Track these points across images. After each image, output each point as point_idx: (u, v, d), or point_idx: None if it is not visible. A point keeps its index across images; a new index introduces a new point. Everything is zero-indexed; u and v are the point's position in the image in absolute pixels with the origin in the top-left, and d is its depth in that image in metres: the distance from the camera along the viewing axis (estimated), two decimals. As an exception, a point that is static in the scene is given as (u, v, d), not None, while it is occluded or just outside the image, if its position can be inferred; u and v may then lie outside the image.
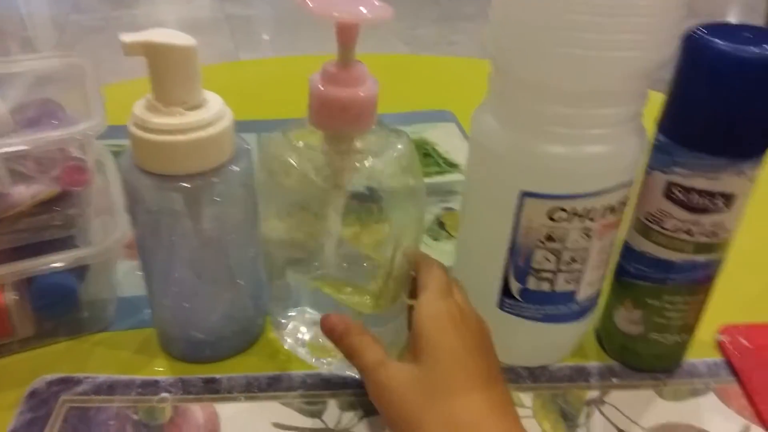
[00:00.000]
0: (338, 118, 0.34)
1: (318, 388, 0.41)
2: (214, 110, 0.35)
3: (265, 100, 0.77)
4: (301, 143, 0.36)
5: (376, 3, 0.32)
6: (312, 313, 0.42)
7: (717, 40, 0.32)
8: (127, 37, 0.32)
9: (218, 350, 0.43)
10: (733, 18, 2.54)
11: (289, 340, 0.44)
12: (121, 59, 0.33)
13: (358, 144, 0.36)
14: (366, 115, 0.35)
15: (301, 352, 0.43)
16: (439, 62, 1.09)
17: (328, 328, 0.37)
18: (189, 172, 0.36)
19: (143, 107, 0.35)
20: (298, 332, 0.43)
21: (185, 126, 0.34)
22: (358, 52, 0.34)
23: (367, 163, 0.36)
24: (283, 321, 0.44)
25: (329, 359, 0.42)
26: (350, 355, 0.36)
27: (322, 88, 0.34)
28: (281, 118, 0.39)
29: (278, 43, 2.02)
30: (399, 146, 0.36)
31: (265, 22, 2.18)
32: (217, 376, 0.42)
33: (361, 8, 0.32)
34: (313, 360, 0.43)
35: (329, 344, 0.37)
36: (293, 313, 0.43)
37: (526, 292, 0.38)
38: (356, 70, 0.34)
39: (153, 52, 0.33)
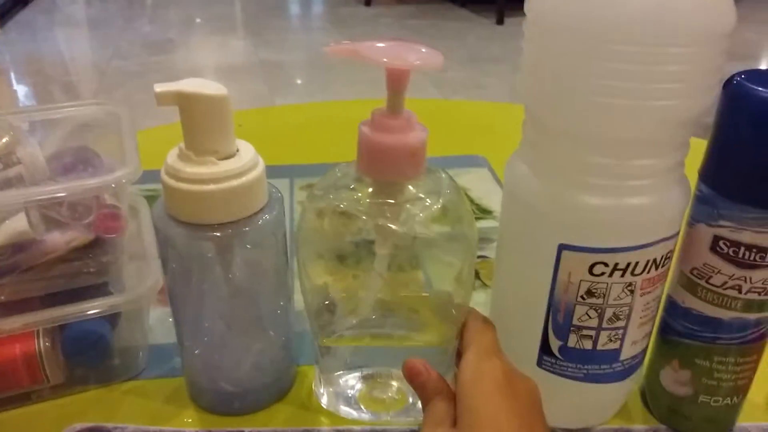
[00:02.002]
0: (389, 165, 0.34)
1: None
2: (246, 159, 0.35)
3: (298, 144, 0.78)
4: (352, 191, 0.36)
5: (424, 50, 0.32)
6: (363, 369, 0.42)
7: (758, 87, 0.31)
8: (160, 87, 0.33)
9: (247, 403, 0.42)
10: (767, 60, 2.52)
11: (325, 399, 0.43)
12: (157, 104, 0.33)
13: (409, 190, 0.35)
14: (415, 162, 0.34)
15: (345, 410, 0.42)
16: (469, 106, 1.09)
17: (410, 372, 0.35)
18: (221, 221, 0.35)
19: (176, 156, 0.35)
20: (346, 389, 0.42)
21: (217, 175, 0.34)
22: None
23: (418, 210, 0.35)
24: (324, 383, 0.43)
25: (385, 413, 0.41)
26: (423, 408, 0.35)
27: (373, 136, 0.33)
28: (314, 162, 0.39)
29: (311, 87, 2.05)
30: (445, 191, 0.36)
31: (297, 66, 2.23)
32: (246, 429, 0.41)
33: (412, 55, 0.32)
34: (369, 414, 0.41)
35: (383, 396, 0.37)
36: (340, 372, 0.42)
37: (566, 349, 0.37)
38: (406, 117, 0.34)
39: (185, 102, 0.33)
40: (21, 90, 1.97)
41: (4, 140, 0.42)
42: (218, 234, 0.35)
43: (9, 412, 0.42)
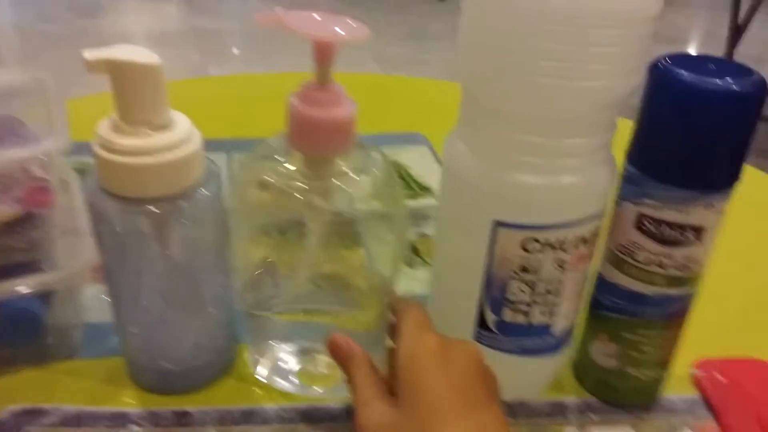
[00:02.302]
0: (318, 139, 0.34)
1: (294, 422, 0.40)
2: (182, 131, 0.34)
3: (235, 117, 0.76)
4: (281, 165, 0.36)
5: (352, 23, 0.33)
6: (297, 343, 0.42)
7: (682, 71, 0.33)
8: (90, 54, 0.31)
9: (189, 381, 0.42)
10: (694, 43, 2.62)
11: (264, 372, 0.43)
12: (87, 72, 0.32)
13: (338, 166, 0.35)
14: (345, 136, 0.35)
15: (281, 383, 0.42)
16: (410, 83, 1.09)
17: (333, 348, 0.36)
18: (156, 195, 0.34)
19: (107, 127, 0.34)
20: (279, 362, 0.42)
21: (152, 147, 0.33)
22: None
23: (346, 186, 0.35)
24: (258, 355, 0.43)
25: (318, 387, 0.42)
26: (348, 383, 0.35)
27: (302, 109, 0.33)
28: (251, 136, 0.38)
29: (248, 57, 2.00)
30: (375, 169, 0.36)
31: (234, 35, 2.17)
32: (189, 408, 0.40)
33: (337, 28, 0.32)
34: (303, 389, 0.42)
35: (317, 371, 0.36)
36: (272, 343, 0.42)
37: (501, 324, 0.38)
38: (334, 91, 0.34)
39: (117, 70, 0.32)
40: (-65, 53, 1.85)
41: None
42: (154, 208, 0.35)
43: (-66, 395, 0.40)
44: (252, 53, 2.01)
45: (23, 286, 0.38)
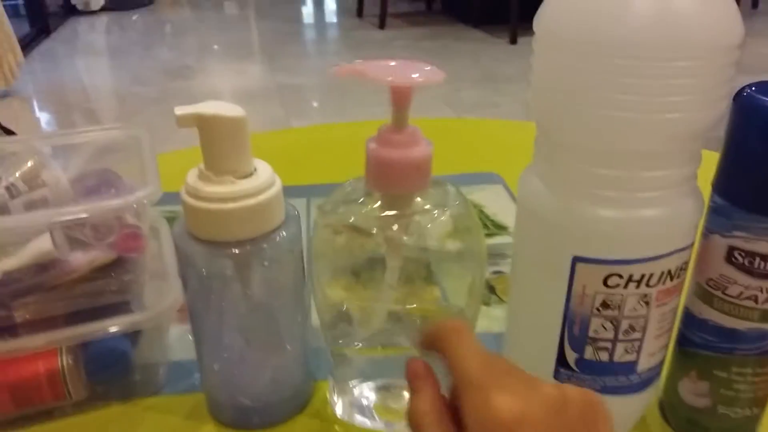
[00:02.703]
0: (397, 179, 0.35)
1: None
2: (264, 178, 0.36)
3: (314, 165, 0.79)
4: (361, 205, 0.37)
5: (427, 67, 0.34)
6: (378, 379, 0.42)
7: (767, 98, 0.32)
8: (180, 110, 0.34)
9: (266, 417, 0.42)
10: (785, 75, 2.49)
11: (343, 409, 0.43)
12: (177, 128, 0.34)
13: (417, 203, 0.36)
14: (423, 174, 0.35)
15: (360, 419, 0.42)
16: (483, 125, 1.09)
17: (410, 372, 0.32)
18: (239, 238, 0.36)
19: (195, 176, 0.36)
20: (359, 398, 0.43)
21: (236, 194, 0.35)
22: None
23: (426, 221, 0.36)
24: (337, 392, 0.43)
25: (398, 422, 0.41)
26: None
27: (379, 151, 0.35)
28: (329, 182, 0.39)
29: (327, 109, 2.07)
30: (452, 203, 0.37)
31: (313, 90, 2.25)
32: (265, 444, 0.41)
33: (414, 73, 0.33)
34: (382, 424, 0.42)
35: (396, 407, 0.36)
36: (352, 380, 0.43)
37: (582, 362, 0.37)
38: (411, 133, 0.35)
39: (204, 124, 0.34)
40: (43, 117, 2.02)
41: (29, 164, 0.43)
42: (237, 251, 0.36)
43: (32, 429, 0.43)
44: (329, 106, 2.08)
45: (114, 327, 0.40)
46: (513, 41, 2.64)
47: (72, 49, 2.77)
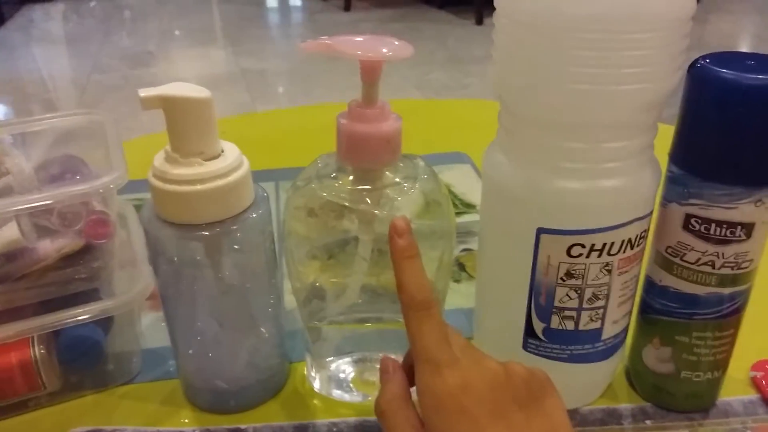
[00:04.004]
0: (368, 153, 0.35)
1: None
2: (231, 159, 0.36)
3: (282, 149, 0.79)
4: (333, 180, 0.37)
5: (396, 42, 0.34)
6: (354, 353, 0.43)
7: (721, 69, 0.33)
8: (144, 92, 0.33)
9: (243, 400, 0.43)
10: (742, 49, 2.55)
11: (321, 384, 0.44)
12: (141, 116, 0.34)
13: (387, 177, 0.37)
14: (391, 149, 0.36)
15: (338, 393, 0.43)
16: (451, 105, 1.10)
17: (381, 368, 0.34)
18: (208, 220, 0.36)
19: (162, 159, 0.36)
20: (336, 373, 0.43)
21: (203, 176, 0.35)
22: None
23: (396, 194, 0.36)
24: (315, 368, 0.44)
25: (373, 394, 0.42)
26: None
27: (351, 125, 0.35)
28: (299, 166, 0.40)
29: (293, 94, 2.06)
30: (421, 176, 0.37)
31: (279, 74, 2.23)
32: (243, 426, 0.41)
33: (383, 48, 0.33)
34: (360, 397, 0.43)
35: (373, 379, 0.37)
36: (329, 355, 0.44)
37: (549, 331, 0.38)
38: (381, 107, 0.35)
39: (170, 105, 0.34)
40: (0, 109, 1.97)
41: (-10, 152, 0.43)
42: (207, 233, 0.36)
43: (7, 421, 0.42)
44: (295, 91, 2.07)
45: (84, 314, 0.40)
46: (479, 22, 2.65)
47: (28, 37, 2.70)
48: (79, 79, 2.17)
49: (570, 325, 0.37)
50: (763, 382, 0.43)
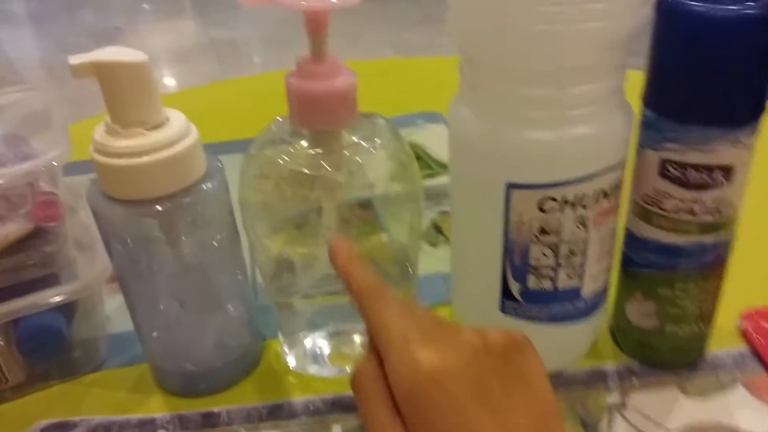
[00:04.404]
0: (321, 113, 0.33)
1: (321, 413, 0.39)
2: (177, 127, 0.34)
3: (251, 118, 0.76)
4: (288, 145, 0.35)
5: None
6: (328, 326, 0.42)
7: (692, 2, 0.30)
8: (75, 59, 0.31)
9: (214, 382, 0.41)
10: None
11: (296, 362, 0.42)
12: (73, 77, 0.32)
13: (346, 138, 0.34)
14: (348, 107, 0.34)
15: (313, 368, 0.42)
16: (426, 63, 1.07)
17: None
18: (158, 194, 0.34)
19: (102, 131, 0.33)
20: (311, 348, 0.42)
21: (148, 147, 0.33)
22: (344, 58, 0.33)
23: (357, 156, 0.34)
24: (288, 345, 0.42)
25: (350, 367, 0.41)
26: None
27: (300, 84, 0.33)
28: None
29: (266, 63, 2.01)
30: (383, 135, 0.35)
31: (250, 43, 2.18)
32: (215, 409, 0.40)
33: None
34: (336, 370, 0.41)
35: (349, 351, 0.35)
36: (302, 330, 0.42)
37: (527, 292, 0.36)
38: (331, 62, 0.33)
39: (103, 72, 0.32)
40: (-33, 94, 1.91)
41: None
42: (157, 207, 0.34)
43: (-31, 417, 0.41)
44: (269, 60, 2.02)
45: (38, 300, 0.38)
46: (452, -21, 2.59)
47: (-9, 19, 2.61)
48: (45, 59, 2.11)
49: (547, 284, 0.36)
50: (753, 333, 0.42)
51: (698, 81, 0.32)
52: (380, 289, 0.29)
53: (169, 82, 1.90)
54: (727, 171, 0.33)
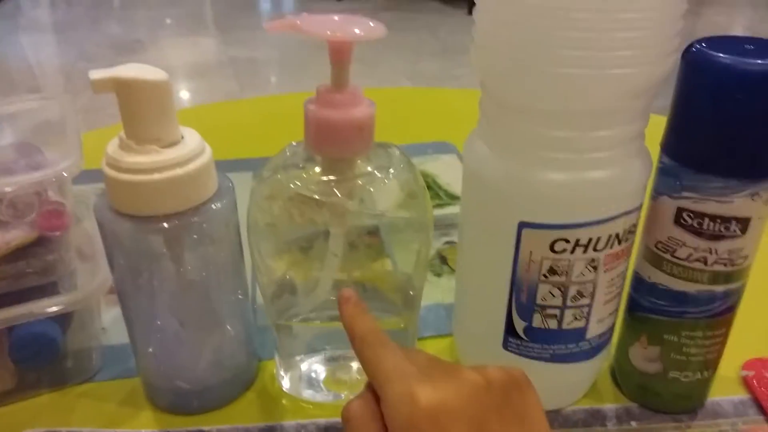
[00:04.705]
0: (337, 141, 0.33)
1: (314, 439, 0.39)
2: (192, 146, 0.34)
3: (263, 138, 0.76)
4: (301, 171, 0.35)
5: (371, 23, 0.32)
6: (326, 351, 0.41)
7: (718, 54, 0.30)
8: (96, 74, 0.31)
9: (207, 400, 0.40)
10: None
11: (291, 385, 0.41)
12: (93, 92, 0.32)
13: (360, 166, 0.34)
14: (365, 136, 0.33)
15: (309, 393, 0.41)
16: (441, 94, 1.07)
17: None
18: (167, 212, 0.34)
19: (116, 146, 0.33)
20: (308, 372, 0.41)
21: (160, 164, 0.33)
22: (360, 85, 0.33)
23: (370, 185, 0.34)
24: (285, 368, 0.42)
25: (345, 393, 0.40)
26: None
27: (319, 112, 0.33)
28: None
29: (282, 83, 2.03)
30: (397, 166, 0.35)
31: (269, 63, 2.20)
32: (206, 428, 0.39)
33: (354, 27, 0.31)
34: (331, 396, 0.41)
35: (345, 378, 0.35)
36: (300, 354, 0.41)
37: (531, 330, 0.36)
38: (351, 92, 0.33)
39: (122, 89, 0.32)
40: (-15, 96, 1.93)
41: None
42: (165, 225, 0.34)
43: (-42, 422, 0.40)
44: (286, 80, 2.04)
45: (37, 309, 0.38)
46: (471, 12, 2.62)
47: (15, 25, 2.66)
48: (65, 67, 2.13)
49: (553, 324, 0.35)
50: (755, 382, 0.41)
51: (721, 132, 0.31)
52: (382, 338, 0.29)
53: (185, 96, 1.91)
54: (743, 223, 0.33)
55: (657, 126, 0.34)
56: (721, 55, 0.30)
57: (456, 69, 2.02)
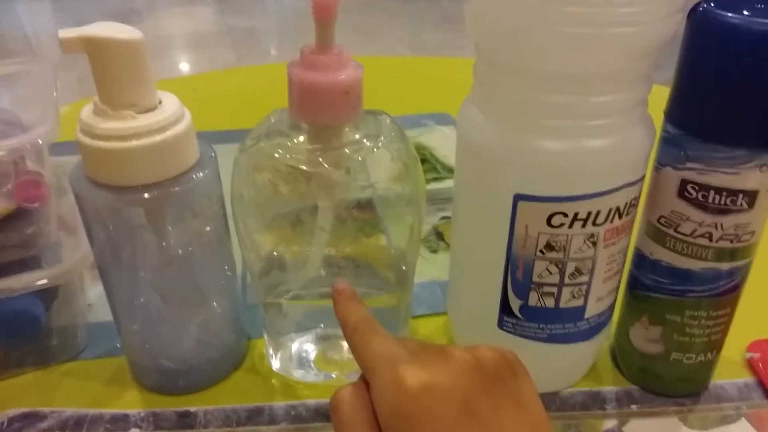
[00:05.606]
0: (322, 107, 0.31)
1: (303, 421, 0.37)
2: (170, 111, 0.32)
3: (257, 107, 0.74)
4: (286, 139, 0.33)
5: None
6: (316, 329, 0.40)
7: (726, 13, 0.28)
8: (65, 33, 0.29)
9: (194, 380, 0.39)
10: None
11: (281, 364, 0.40)
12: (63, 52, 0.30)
13: (347, 134, 0.32)
14: (351, 102, 0.31)
15: (298, 372, 0.40)
16: (441, 63, 1.05)
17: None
18: (145, 182, 0.32)
19: (90, 112, 0.31)
20: (298, 351, 0.40)
21: (137, 130, 0.31)
22: (361, 55, 0.31)
23: (358, 156, 0.32)
24: (274, 347, 0.41)
25: (337, 373, 0.39)
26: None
27: (303, 75, 0.31)
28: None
29: (281, 54, 2.00)
30: (390, 137, 0.33)
31: (267, 33, 2.17)
32: (192, 409, 0.38)
33: None
34: (321, 376, 0.39)
35: (336, 357, 0.35)
36: (290, 333, 0.40)
37: (527, 309, 0.34)
38: (337, 54, 0.31)
39: (94, 49, 0.30)
40: (-20, 66, 1.90)
41: None
42: (144, 195, 0.32)
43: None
44: (286, 51, 2.00)
45: (15, 284, 0.36)
46: (475, -19, 2.57)
47: (9, -8, 2.61)
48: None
49: (550, 303, 0.34)
50: (760, 365, 0.40)
51: (729, 98, 0.29)
52: (374, 325, 0.28)
53: (183, 66, 1.88)
54: (751, 196, 0.31)
55: (660, 95, 0.33)
56: (730, 14, 0.28)
57: (459, 39, 1.98)
